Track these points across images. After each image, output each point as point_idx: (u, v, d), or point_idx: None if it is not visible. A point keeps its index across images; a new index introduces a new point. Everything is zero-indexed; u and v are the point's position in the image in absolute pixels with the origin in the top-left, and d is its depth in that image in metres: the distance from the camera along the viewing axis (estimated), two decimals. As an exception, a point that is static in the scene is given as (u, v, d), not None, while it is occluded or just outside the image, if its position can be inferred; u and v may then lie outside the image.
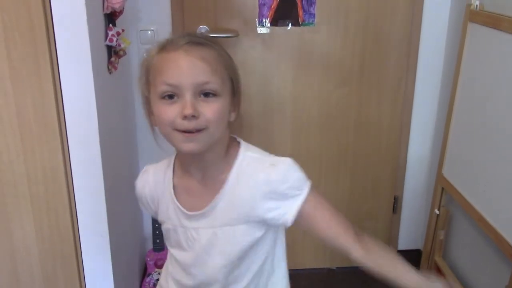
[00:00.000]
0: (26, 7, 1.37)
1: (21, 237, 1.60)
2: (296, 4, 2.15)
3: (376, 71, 2.29)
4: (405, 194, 2.51)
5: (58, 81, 1.47)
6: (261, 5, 2.15)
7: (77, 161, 1.57)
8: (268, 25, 2.18)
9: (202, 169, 1.03)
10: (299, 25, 2.18)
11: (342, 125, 2.36)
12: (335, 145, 2.39)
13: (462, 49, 1.92)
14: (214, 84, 0.92)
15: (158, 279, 2.30)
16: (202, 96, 0.92)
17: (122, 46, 1.76)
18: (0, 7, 1.36)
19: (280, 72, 2.26)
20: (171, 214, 1.07)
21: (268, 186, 0.98)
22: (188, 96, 0.90)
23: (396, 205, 2.51)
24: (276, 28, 2.19)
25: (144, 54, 1.01)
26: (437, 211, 2.12)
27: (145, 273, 2.37)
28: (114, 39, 1.68)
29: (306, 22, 2.18)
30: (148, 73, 0.97)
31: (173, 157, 1.10)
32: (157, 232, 2.32)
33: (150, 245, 2.38)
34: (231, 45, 2.19)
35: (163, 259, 2.32)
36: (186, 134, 0.92)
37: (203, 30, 2.15)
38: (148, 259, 2.33)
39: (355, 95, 2.32)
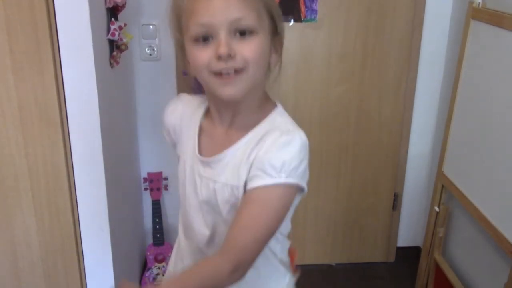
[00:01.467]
0: (29, 1, 1.37)
1: (22, 230, 1.61)
2: (298, 0, 2.14)
3: (377, 68, 2.29)
4: (405, 191, 2.51)
5: (60, 75, 1.47)
6: (263, 1, 2.14)
7: (78, 155, 1.57)
8: (270, 21, 2.17)
9: (231, 118, 0.96)
10: (301, 21, 2.18)
11: (343, 122, 2.36)
12: (336, 141, 2.39)
13: (464, 46, 1.92)
14: (250, 20, 0.85)
15: (158, 274, 2.31)
16: (238, 34, 0.85)
17: (124, 40, 1.76)
18: (3, 1, 1.36)
19: (282, 68, 2.24)
20: (188, 151, 1.02)
21: (275, 148, 0.88)
22: (222, 35, 0.84)
23: (396, 202, 2.52)
24: (278, 24, 2.18)
25: None
26: (437, 208, 2.13)
27: (145, 267, 2.38)
28: (116, 33, 1.68)
29: (308, 18, 2.18)
30: (180, 18, 0.90)
31: (206, 98, 1.03)
32: (157, 226, 2.32)
33: (150, 240, 2.38)
34: (233, 41, 2.18)
35: (163, 254, 2.33)
36: (224, 77, 0.86)
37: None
38: (148, 253, 2.34)
39: (356, 92, 2.32)
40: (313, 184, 2.46)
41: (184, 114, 1.06)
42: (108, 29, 1.67)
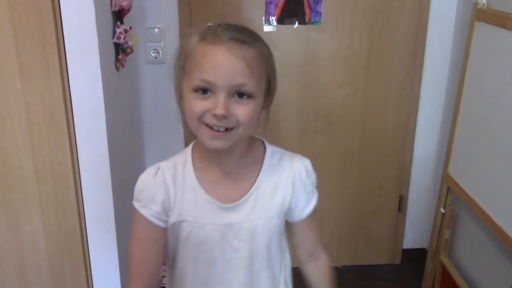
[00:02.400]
0: (36, 5, 1.39)
1: (29, 232, 1.62)
2: (302, 2, 2.15)
3: (382, 70, 2.29)
4: (411, 193, 2.51)
5: (67, 78, 1.48)
6: (267, 3, 2.15)
7: (85, 157, 1.58)
8: (275, 23, 2.18)
9: (229, 161, 1.01)
10: (305, 23, 2.19)
11: (347, 124, 2.36)
12: (341, 143, 2.39)
13: (469, 48, 1.92)
14: (250, 86, 0.89)
15: (164, 276, 2.31)
16: (236, 96, 0.89)
17: (130, 43, 1.77)
18: (10, 5, 1.38)
19: (286, 71, 2.26)
20: (200, 210, 1.00)
21: (302, 175, 1.05)
22: (222, 96, 0.87)
23: (401, 204, 2.51)
24: (283, 26, 2.19)
25: (184, 38, 0.97)
26: (442, 210, 2.12)
27: (151, 270, 2.38)
28: (122, 36, 1.69)
29: (313, 20, 2.19)
30: (185, 60, 0.93)
31: (188, 151, 1.04)
32: (163, 229, 2.32)
33: (156, 242, 2.38)
34: (238, 43, 2.19)
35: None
36: (215, 132, 0.90)
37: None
38: (154, 256, 2.34)
39: (360, 94, 2.32)
40: (318, 186, 2.46)
41: (176, 178, 1.01)
42: (114, 32, 1.68)
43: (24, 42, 1.42)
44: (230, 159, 1.00)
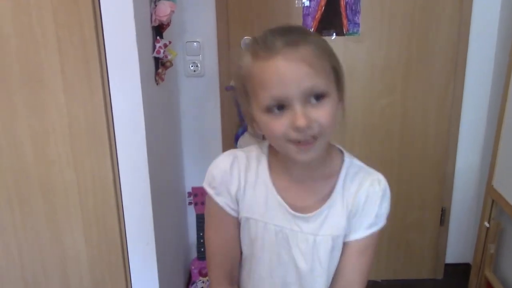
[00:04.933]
0: (79, 21, 1.43)
1: (71, 244, 1.65)
2: (340, 13, 2.14)
3: (421, 79, 2.25)
4: (453, 206, 2.44)
5: (108, 93, 1.52)
6: (305, 15, 2.15)
7: (125, 170, 1.61)
8: (312, 35, 2.17)
9: (306, 170, 0.97)
10: (343, 34, 2.18)
11: (386, 135, 2.32)
12: (380, 155, 2.35)
13: (513, 56, 1.87)
14: (321, 84, 0.84)
15: (202, 287, 2.33)
16: (311, 100, 0.84)
17: (169, 57, 1.80)
18: (55, 22, 1.42)
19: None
20: (269, 209, 0.98)
21: (378, 199, 0.99)
22: (297, 106, 0.83)
23: (443, 217, 2.45)
24: (320, 38, 2.18)
25: (237, 61, 0.92)
26: (487, 224, 2.06)
27: (189, 281, 2.40)
28: (162, 51, 1.72)
29: (351, 31, 2.17)
30: (246, 84, 0.89)
31: (264, 148, 1.01)
32: (201, 240, 2.34)
33: (194, 254, 2.40)
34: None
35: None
36: (302, 146, 0.86)
37: (247, 41, 2.17)
38: (193, 267, 2.36)
39: (400, 104, 2.28)
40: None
41: (249, 170, 0.99)
42: (154, 47, 1.72)
43: (68, 58, 1.46)
44: (308, 168, 0.96)
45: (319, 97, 0.84)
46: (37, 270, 1.68)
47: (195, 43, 2.20)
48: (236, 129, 2.28)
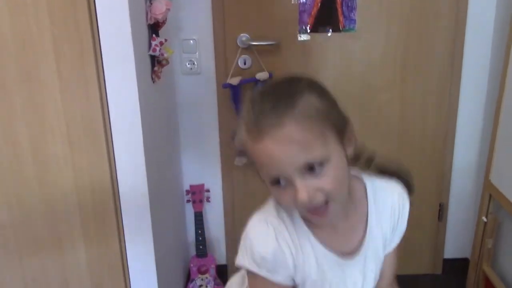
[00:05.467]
0: (74, 20, 1.43)
1: (70, 242, 1.66)
2: (336, 10, 2.14)
3: (418, 76, 2.25)
4: (451, 201, 2.45)
5: (104, 91, 1.52)
6: (301, 12, 2.15)
7: (122, 168, 1.61)
8: (309, 32, 2.18)
9: (339, 220, 0.95)
10: (339, 31, 2.18)
11: (384, 132, 2.33)
12: (378, 151, 2.35)
13: (509, 51, 1.87)
14: (316, 155, 0.80)
15: (201, 285, 2.33)
16: (311, 169, 0.80)
17: (165, 55, 1.80)
18: (51, 21, 1.42)
19: (321, 79, 2.23)
20: (322, 266, 0.94)
21: (401, 208, 1.02)
22: (297, 181, 0.80)
23: (441, 213, 2.45)
24: (317, 35, 2.19)
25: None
26: (484, 219, 2.06)
27: (188, 279, 2.40)
28: (158, 49, 1.72)
29: (347, 28, 2.17)
30: (246, 152, 0.86)
31: (291, 213, 0.94)
32: (200, 238, 2.35)
33: (193, 251, 2.41)
34: (271, 52, 2.20)
35: (206, 265, 2.35)
36: (316, 215, 0.85)
37: (243, 38, 2.17)
38: (192, 265, 2.36)
39: (397, 101, 2.28)
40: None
41: (290, 240, 0.93)
42: (150, 45, 1.71)
43: (63, 57, 1.46)
44: (340, 217, 0.94)
45: (320, 164, 0.80)
46: (36, 270, 1.68)
47: (191, 41, 2.20)
48: (234, 126, 2.28)
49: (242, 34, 2.18)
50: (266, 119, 0.79)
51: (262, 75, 2.17)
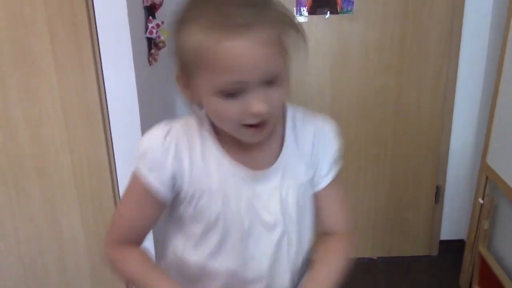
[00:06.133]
0: (69, 2, 1.41)
1: (68, 225, 1.66)
2: (334, -9, 2.13)
3: (416, 58, 2.24)
4: (448, 184, 2.46)
5: (101, 74, 1.51)
6: (298, -6, 2.14)
7: (120, 151, 1.61)
8: (306, 14, 2.16)
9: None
10: (337, 13, 2.16)
11: (381, 114, 2.33)
12: (375, 133, 2.36)
13: (507, 32, 1.86)
14: (279, 66, 0.77)
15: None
16: (269, 82, 0.76)
17: (162, 38, 1.79)
18: (45, 3, 1.41)
19: (318, 61, 2.24)
20: (226, 179, 0.88)
21: (325, 137, 0.94)
22: (256, 92, 0.75)
23: (438, 195, 2.46)
24: (314, 17, 2.17)
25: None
26: (481, 201, 2.07)
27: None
28: (154, 31, 1.71)
29: (345, 9, 2.16)
30: (194, 60, 0.76)
31: (204, 118, 0.90)
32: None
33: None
34: (269, 35, 2.18)
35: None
36: (255, 130, 0.80)
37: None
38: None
39: (394, 83, 2.28)
40: (352, 176, 2.45)
41: (192, 144, 0.89)
42: (146, 27, 1.70)
43: (58, 39, 1.45)
44: None
45: (275, 78, 0.77)
46: (34, 252, 1.69)
47: (188, 23, 2.18)
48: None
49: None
50: (237, 18, 0.71)
51: (259, 58, 2.15)
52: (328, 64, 2.25)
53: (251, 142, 0.85)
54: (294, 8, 2.15)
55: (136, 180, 0.89)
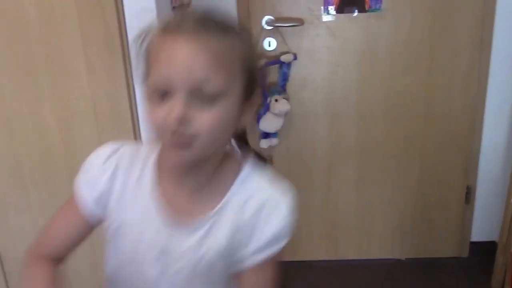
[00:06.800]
0: (100, 5, 1.44)
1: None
2: (362, -10, 2.11)
3: (446, 55, 2.20)
4: (479, 184, 2.41)
5: (130, 73, 1.53)
6: (326, -7, 2.12)
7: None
8: (334, 12, 2.15)
9: (192, 180, 0.83)
10: (365, 11, 2.14)
11: (410, 112, 2.29)
12: (403, 132, 2.33)
13: (542, 30, 1.82)
14: (216, 83, 0.71)
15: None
16: (200, 98, 0.71)
17: (190, 39, 1.79)
18: (77, 6, 1.43)
19: (346, 60, 2.22)
20: (144, 220, 0.84)
21: (275, 209, 0.82)
22: (179, 96, 0.70)
23: (469, 195, 2.42)
24: (342, 15, 2.15)
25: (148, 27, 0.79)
26: (513, 201, 2.03)
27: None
28: (182, 32, 1.72)
29: (373, 8, 2.13)
30: (146, 58, 0.77)
31: (152, 153, 0.87)
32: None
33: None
34: (296, 34, 2.18)
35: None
36: (176, 140, 0.72)
37: (268, 20, 2.15)
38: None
39: (423, 81, 2.24)
40: (379, 176, 2.42)
41: (132, 168, 0.86)
42: (174, 28, 1.71)
43: (90, 41, 1.47)
44: (194, 178, 0.83)
45: (211, 98, 0.71)
46: (66, 250, 1.72)
47: (215, 23, 2.19)
48: (258, 109, 2.28)
49: (266, 16, 2.16)
50: (193, 21, 0.73)
51: (287, 57, 2.15)
52: (355, 63, 2.23)
53: (171, 160, 0.79)
54: (322, 7, 2.14)
55: (72, 192, 0.90)
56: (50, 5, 1.43)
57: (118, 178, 0.85)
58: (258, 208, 0.82)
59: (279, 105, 2.15)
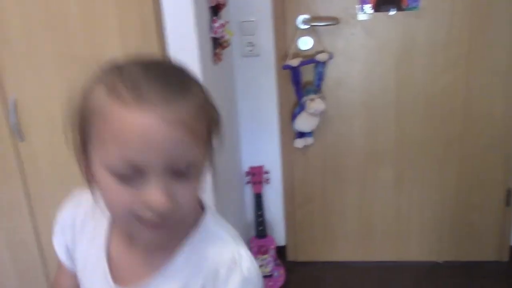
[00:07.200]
0: (139, 4, 1.46)
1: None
2: (399, -13, 2.08)
3: (485, 55, 2.15)
4: (520, 186, 2.35)
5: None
6: (363, -9, 2.11)
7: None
8: (370, 11, 2.13)
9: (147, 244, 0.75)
10: (402, 9, 2.11)
11: (448, 112, 2.25)
12: (441, 133, 2.29)
13: None
14: (192, 155, 0.64)
15: (261, 265, 2.36)
16: (175, 173, 0.63)
17: (226, 37, 1.81)
18: (116, 5, 1.46)
19: (382, 59, 2.20)
20: (95, 277, 0.79)
21: (222, 277, 0.72)
22: (158, 180, 0.62)
23: (509, 198, 2.36)
24: (379, 14, 2.13)
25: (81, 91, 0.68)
26: (557, 204, 1.97)
27: (247, 259, 2.43)
28: (219, 31, 1.74)
29: (410, 6, 2.11)
30: (90, 122, 0.64)
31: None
32: (259, 219, 2.37)
33: (253, 232, 2.44)
34: (331, 33, 2.17)
35: (266, 246, 2.37)
36: (149, 227, 0.65)
37: (303, 19, 2.15)
38: (252, 245, 2.39)
39: (462, 81, 2.20)
40: (417, 177, 2.39)
41: (80, 222, 0.83)
42: (211, 27, 1.73)
43: (128, 42, 1.50)
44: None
45: (186, 170, 0.64)
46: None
47: (250, 22, 2.20)
48: (293, 108, 2.28)
49: (301, 15, 2.16)
50: (156, 93, 0.61)
51: (322, 56, 2.14)
52: (393, 62, 2.20)
53: (141, 240, 0.70)
54: (357, 6, 2.12)
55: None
56: (91, 4, 1.47)
57: (77, 229, 0.83)
58: (210, 277, 0.73)
59: (315, 104, 2.14)
